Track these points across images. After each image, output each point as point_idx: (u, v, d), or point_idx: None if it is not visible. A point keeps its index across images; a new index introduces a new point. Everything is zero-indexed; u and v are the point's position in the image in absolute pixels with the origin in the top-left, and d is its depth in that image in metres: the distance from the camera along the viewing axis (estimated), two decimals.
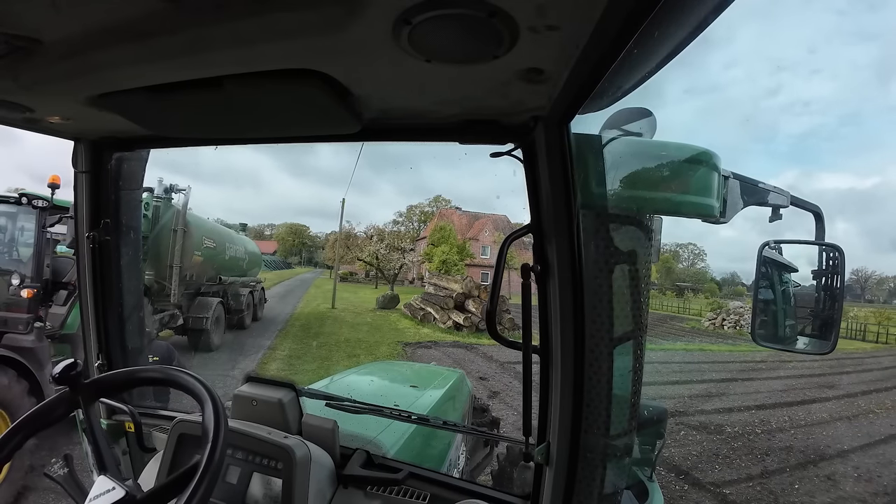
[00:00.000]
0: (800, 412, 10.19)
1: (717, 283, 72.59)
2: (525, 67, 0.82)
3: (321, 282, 41.30)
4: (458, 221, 49.46)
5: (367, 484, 1.41)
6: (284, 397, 1.50)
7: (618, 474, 1.23)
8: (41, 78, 0.95)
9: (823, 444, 8.22)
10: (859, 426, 9.48)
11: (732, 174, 1.42)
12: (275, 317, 17.20)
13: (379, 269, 34.77)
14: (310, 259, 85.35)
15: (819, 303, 1.71)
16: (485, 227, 48.98)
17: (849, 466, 7.21)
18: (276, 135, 1.37)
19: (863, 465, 7.29)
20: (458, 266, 39.18)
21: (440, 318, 18.54)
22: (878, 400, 11.71)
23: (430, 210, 55.52)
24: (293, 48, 0.80)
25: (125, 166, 1.67)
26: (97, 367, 1.69)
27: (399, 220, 49.13)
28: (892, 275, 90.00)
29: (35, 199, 5.11)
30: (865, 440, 8.47)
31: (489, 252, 46.19)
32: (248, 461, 1.35)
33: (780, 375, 14.39)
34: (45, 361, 4.70)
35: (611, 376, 1.08)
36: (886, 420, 9.93)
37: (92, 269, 1.65)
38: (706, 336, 25.68)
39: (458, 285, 19.54)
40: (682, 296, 51.43)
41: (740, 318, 27.42)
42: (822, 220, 1.69)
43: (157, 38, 0.77)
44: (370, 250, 33.42)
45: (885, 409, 10.91)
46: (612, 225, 1.09)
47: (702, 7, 0.66)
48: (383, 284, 36.04)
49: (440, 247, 40.85)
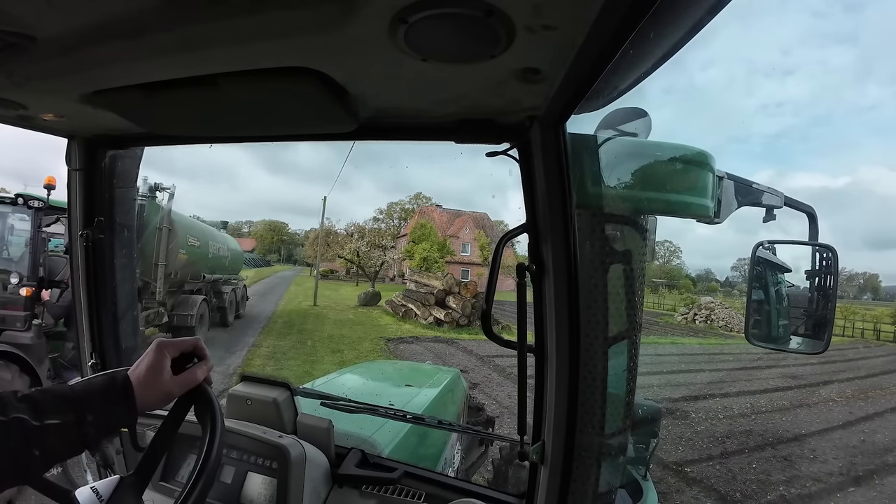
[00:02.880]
0: (762, 400, 10.71)
1: (692, 280, 74.16)
2: (521, 67, 0.83)
3: (301, 279, 41.73)
4: (438, 219, 49.65)
5: (362, 483, 1.41)
6: (279, 396, 1.50)
7: (612, 473, 1.24)
8: (35, 75, 0.94)
9: (783, 428, 8.69)
10: (818, 413, 10.00)
11: (727, 175, 1.43)
12: (257, 314, 17.50)
13: (360, 267, 34.82)
14: (289, 256, 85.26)
15: (812, 303, 1.72)
16: (465, 225, 49.29)
17: (805, 449, 7.70)
18: (272, 133, 1.36)
19: (819, 447, 7.72)
20: (438, 263, 39.64)
21: (421, 314, 18.90)
22: (838, 389, 12.37)
23: (410, 207, 55.57)
24: (289, 46, 0.79)
25: (119, 164, 1.66)
26: (90, 367, 1.68)
27: (379, 218, 49.17)
28: (862, 271, 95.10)
29: (31, 200, 5.27)
30: (823, 426, 8.97)
31: (469, 249, 46.64)
32: (243, 461, 1.35)
33: (746, 366, 15.19)
34: (44, 357, 4.90)
35: (605, 376, 1.09)
36: (845, 408, 10.47)
37: (85, 268, 1.64)
38: (679, 330, 26.79)
39: (439, 282, 19.90)
40: (657, 292, 51.73)
41: (711, 312, 28.60)
42: (816, 221, 1.71)
43: (151, 35, 0.76)
44: (351, 248, 33.53)
45: (844, 397, 11.54)
46: (608, 225, 1.09)
47: (697, 8, 0.66)
48: (364, 282, 36.18)
49: (421, 244, 41.18)
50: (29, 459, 0.77)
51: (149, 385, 0.91)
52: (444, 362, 11.59)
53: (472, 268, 43.91)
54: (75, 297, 1.68)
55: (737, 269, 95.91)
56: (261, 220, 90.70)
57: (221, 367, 9.43)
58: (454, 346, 14.46)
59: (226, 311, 13.68)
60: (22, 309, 5.01)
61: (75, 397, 0.84)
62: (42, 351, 4.99)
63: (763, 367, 14.87)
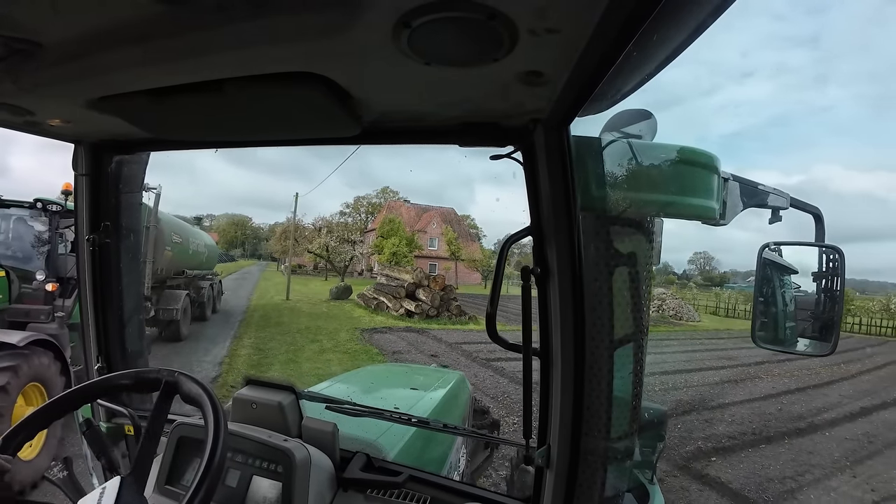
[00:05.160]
0: (695, 377, 12.02)
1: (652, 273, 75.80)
2: (525, 70, 0.83)
3: (269, 274, 42.35)
4: (406, 214, 50.06)
5: (367, 487, 1.40)
6: (284, 400, 1.50)
7: (619, 477, 1.23)
8: (41, 81, 0.95)
9: (709, 399, 9.92)
10: (744, 387, 11.34)
11: (732, 176, 1.42)
12: (232, 308, 18.23)
13: (329, 261, 35.02)
14: (253, 251, 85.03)
15: (819, 304, 1.71)
16: (432, 220, 49.87)
17: (725, 414, 8.91)
18: (276, 137, 1.37)
19: (738, 414, 9.00)
20: (407, 257, 39.87)
21: (393, 306, 19.78)
22: (766, 369, 13.73)
23: (377, 202, 55.80)
24: (293, 51, 0.80)
25: (125, 169, 1.67)
26: (97, 370, 1.68)
27: (346, 212, 49.21)
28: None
29: (49, 204, 5.88)
30: (746, 397, 10.36)
31: (437, 244, 47.40)
32: (247, 464, 1.35)
33: (687, 349, 16.76)
34: (66, 345, 5.40)
35: (611, 379, 1.08)
36: (769, 384, 11.92)
37: (92, 272, 1.65)
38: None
39: (410, 276, 20.82)
40: None
41: (662, 303, 31.55)
42: (822, 222, 1.69)
43: (157, 41, 0.77)
44: (320, 242, 33.73)
45: (770, 375, 12.95)
46: (613, 227, 1.08)
47: (700, 9, 0.66)
48: (333, 276, 36.56)
49: (390, 239, 41.42)
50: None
51: None
52: (416, 349, 12.97)
53: (440, 262, 44.46)
54: (82, 301, 1.69)
55: (693, 262, 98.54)
56: (223, 214, 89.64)
57: (209, 357, 10.32)
58: (425, 335, 15.50)
59: (204, 306, 14.13)
60: (45, 303, 5.61)
61: None
62: (65, 340, 5.43)
63: (702, 350, 16.60)
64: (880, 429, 8.93)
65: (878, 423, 9.24)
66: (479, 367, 10.93)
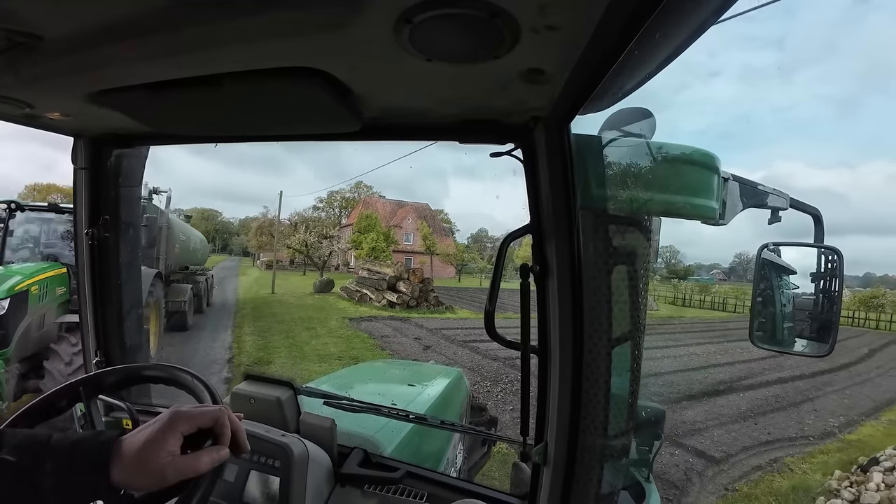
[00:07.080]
0: (645, 353, 13.66)
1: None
2: (526, 68, 0.82)
3: (246, 269, 42.88)
4: (381, 209, 50.38)
5: (364, 482, 1.41)
6: (282, 395, 1.50)
7: (615, 475, 1.23)
8: (41, 74, 0.95)
9: (647, 371, 11.28)
10: (680, 361, 13.62)
11: (732, 176, 1.42)
12: (223, 302, 19.57)
13: (308, 256, 35.68)
14: (224, 246, 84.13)
15: (817, 305, 1.71)
16: (408, 215, 50.27)
17: (659, 380, 10.89)
18: (276, 133, 1.36)
19: (670, 380, 11.16)
20: (385, 252, 40.33)
21: (375, 298, 21.62)
22: (706, 349, 16.52)
23: (351, 196, 55.82)
24: (294, 46, 0.80)
25: (125, 163, 1.67)
26: (95, 364, 1.69)
27: (320, 206, 49.65)
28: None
29: (64, 206, 6.79)
30: (679, 367, 12.67)
31: (412, 239, 48.19)
32: (245, 459, 1.35)
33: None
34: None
35: (609, 377, 1.09)
36: (704, 359, 14.35)
37: (91, 266, 1.65)
38: None
39: (391, 269, 22.62)
40: None
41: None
42: (822, 223, 1.69)
43: (157, 36, 0.77)
44: (299, 238, 34.50)
45: (708, 353, 15.57)
46: (612, 226, 1.09)
47: (703, 9, 0.66)
48: (311, 271, 37.08)
49: (368, 234, 41.65)
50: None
51: (141, 460, 0.75)
52: (401, 334, 14.79)
53: (415, 256, 44.96)
54: (81, 295, 1.69)
55: (660, 255, 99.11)
56: (192, 209, 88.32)
57: (218, 344, 11.67)
58: (408, 322, 17.47)
59: (201, 299, 15.10)
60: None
61: (42, 441, 0.72)
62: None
63: (652, 334, 18.00)
64: (790, 392, 10.81)
65: (790, 389, 11.08)
66: (456, 347, 13.24)
